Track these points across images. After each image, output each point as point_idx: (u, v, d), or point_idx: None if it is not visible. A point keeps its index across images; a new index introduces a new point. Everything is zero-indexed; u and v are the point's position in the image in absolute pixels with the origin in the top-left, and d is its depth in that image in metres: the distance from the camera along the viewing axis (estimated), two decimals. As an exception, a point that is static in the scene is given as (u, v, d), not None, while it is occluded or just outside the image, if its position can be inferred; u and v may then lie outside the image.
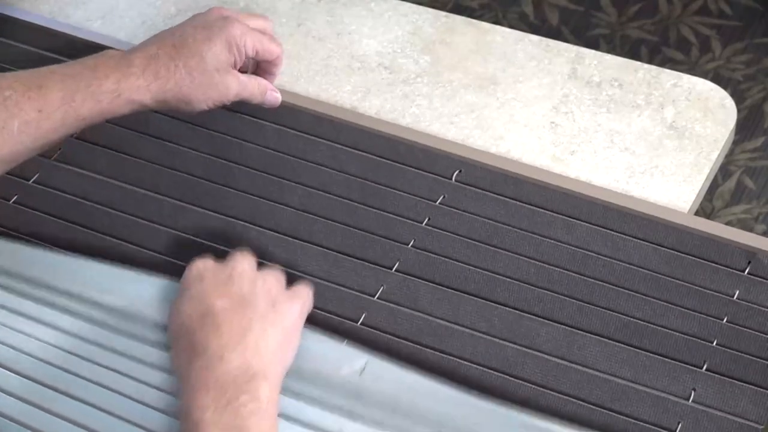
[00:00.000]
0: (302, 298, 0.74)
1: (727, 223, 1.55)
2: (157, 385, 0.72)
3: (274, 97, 0.87)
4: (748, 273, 0.77)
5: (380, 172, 0.85)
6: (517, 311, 0.76)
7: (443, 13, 0.98)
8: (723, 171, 1.84)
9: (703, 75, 1.86)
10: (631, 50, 1.99)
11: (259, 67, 0.87)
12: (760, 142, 1.88)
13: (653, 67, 0.93)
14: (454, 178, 0.84)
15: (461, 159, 0.85)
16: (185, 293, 0.72)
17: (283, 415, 0.70)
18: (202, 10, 0.85)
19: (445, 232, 0.81)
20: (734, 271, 0.77)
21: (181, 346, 0.69)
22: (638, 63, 0.93)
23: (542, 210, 0.81)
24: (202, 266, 0.73)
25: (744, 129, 1.89)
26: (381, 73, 0.94)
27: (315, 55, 0.96)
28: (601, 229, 0.80)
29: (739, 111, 0.93)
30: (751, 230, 1.28)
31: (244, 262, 0.73)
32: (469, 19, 0.98)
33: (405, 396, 0.71)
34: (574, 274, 0.78)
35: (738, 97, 1.90)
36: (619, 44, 2.01)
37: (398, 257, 0.80)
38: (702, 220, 0.81)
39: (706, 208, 1.80)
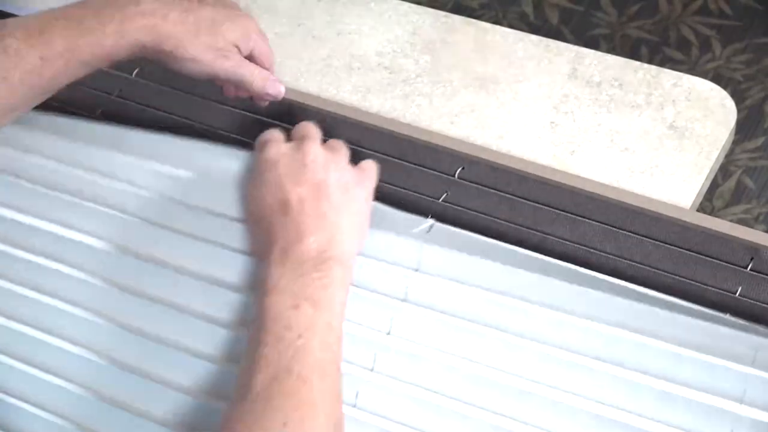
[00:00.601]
0: (369, 177, 0.76)
1: (728, 223, 1.55)
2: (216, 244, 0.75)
3: (277, 87, 0.82)
4: (750, 269, 0.77)
5: (383, 169, 0.84)
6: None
7: (443, 13, 0.99)
8: (723, 171, 1.84)
9: (703, 75, 1.85)
10: (631, 50, 2.00)
11: None
12: (760, 142, 1.89)
13: (653, 67, 0.93)
14: (456, 175, 0.84)
15: (464, 156, 0.85)
16: (261, 178, 0.73)
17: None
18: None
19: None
20: (737, 267, 0.77)
21: (259, 232, 0.71)
22: (638, 63, 0.93)
23: (545, 207, 0.81)
24: (275, 151, 0.74)
25: (744, 129, 1.89)
26: (381, 72, 0.94)
27: (315, 54, 0.96)
28: (604, 225, 0.80)
29: (739, 111, 0.93)
30: (751, 229, 1.28)
31: (315, 147, 0.74)
32: (469, 19, 0.98)
33: (472, 252, 0.74)
34: (576, 272, 0.78)
35: (738, 97, 1.90)
36: (619, 44, 2.01)
37: (400, 256, 0.80)
38: (704, 216, 0.81)
39: (706, 208, 1.80)
